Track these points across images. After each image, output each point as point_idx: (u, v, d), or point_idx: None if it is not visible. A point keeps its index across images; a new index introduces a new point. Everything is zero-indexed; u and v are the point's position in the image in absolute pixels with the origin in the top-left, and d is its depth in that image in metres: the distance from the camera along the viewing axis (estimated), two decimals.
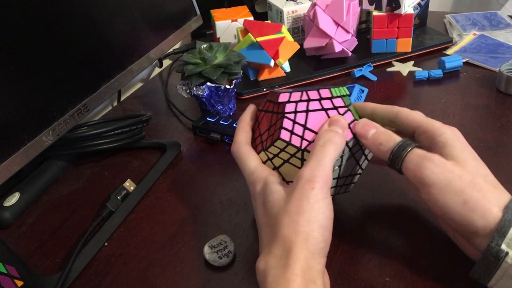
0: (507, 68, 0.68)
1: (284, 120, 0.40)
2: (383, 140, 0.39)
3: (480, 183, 0.36)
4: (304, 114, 0.40)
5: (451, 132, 0.39)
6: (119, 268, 0.45)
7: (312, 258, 0.34)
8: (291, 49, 0.73)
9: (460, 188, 0.35)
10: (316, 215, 0.35)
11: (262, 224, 0.38)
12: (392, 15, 0.75)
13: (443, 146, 0.38)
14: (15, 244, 0.49)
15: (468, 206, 0.35)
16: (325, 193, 0.36)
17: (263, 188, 0.39)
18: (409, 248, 0.44)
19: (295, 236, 0.34)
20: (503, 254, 0.34)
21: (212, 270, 0.44)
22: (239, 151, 0.42)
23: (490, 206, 0.35)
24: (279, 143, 0.40)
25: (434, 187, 0.36)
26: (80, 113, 0.55)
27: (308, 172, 0.36)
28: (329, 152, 0.37)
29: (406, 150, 0.38)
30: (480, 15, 0.94)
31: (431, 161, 0.36)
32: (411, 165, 0.37)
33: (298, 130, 0.40)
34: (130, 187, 0.54)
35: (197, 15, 0.81)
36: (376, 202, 0.49)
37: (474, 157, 0.38)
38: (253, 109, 0.46)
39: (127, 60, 0.65)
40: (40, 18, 0.51)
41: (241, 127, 0.44)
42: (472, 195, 0.35)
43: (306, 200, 0.35)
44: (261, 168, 0.41)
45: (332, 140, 0.38)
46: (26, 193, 0.54)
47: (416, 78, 0.73)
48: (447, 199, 0.36)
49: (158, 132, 0.68)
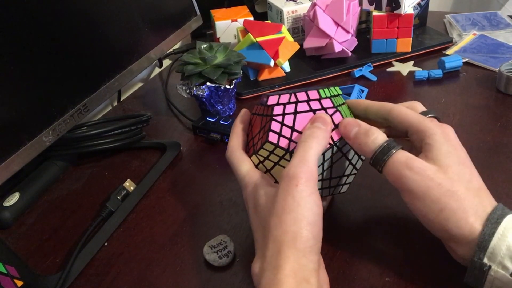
0: (507, 68, 0.68)
1: (272, 123, 0.40)
2: (365, 141, 0.39)
3: (459, 191, 0.36)
4: (292, 116, 0.40)
5: (441, 133, 0.38)
6: (119, 268, 0.45)
7: (303, 256, 0.34)
8: (291, 49, 0.73)
9: (437, 197, 0.36)
10: (303, 213, 0.35)
11: (255, 227, 0.38)
12: (392, 15, 0.75)
13: (429, 149, 0.38)
14: (15, 244, 0.49)
15: (443, 215, 0.36)
16: (310, 189, 0.36)
17: (253, 191, 0.39)
18: (409, 248, 0.44)
19: (284, 236, 0.34)
20: (486, 268, 0.34)
21: (212, 270, 0.44)
22: (232, 157, 0.43)
23: (465, 216, 0.35)
24: (268, 145, 0.40)
25: (413, 193, 0.37)
26: (80, 113, 0.55)
27: (291, 169, 0.36)
28: (311, 147, 0.37)
29: (388, 155, 0.38)
30: (480, 15, 0.94)
31: (411, 169, 0.36)
32: (392, 170, 0.37)
33: (286, 132, 0.40)
34: (130, 187, 0.54)
35: (197, 15, 0.81)
36: (376, 202, 0.49)
37: (460, 161, 0.38)
38: (245, 113, 0.46)
39: (127, 60, 0.65)
40: (40, 18, 0.51)
41: (234, 132, 0.45)
42: (448, 204, 0.35)
43: (291, 198, 0.35)
44: (252, 172, 0.41)
45: (313, 135, 0.38)
46: (26, 193, 0.54)
47: (416, 78, 0.73)
48: (424, 206, 0.36)
49: (158, 132, 0.68)
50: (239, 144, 0.44)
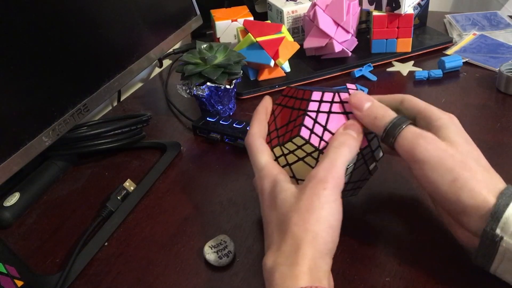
0: (507, 68, 0.68)
1: (305, 118, 0.40)
2: (379, 114, 0.39)
3: (471, 164, 0.36)
4: (325, 115, 0.40)
5: (449, 118, 0.39)
6: (119, 268, 0.45)
7: (319, 257, 0.34)
8: (291, 49, 0.73)
9: (450, 167, 0.36)
10: (326, 216, 0.35)
11: (270, 221, 0.38)
12: (392, 15, 0.75)
13: (438, 129, 0.38)
14: (15, 244, 0.49)
15: (457, 184, 0.36)
16: (336, 194, 0.36)
17: (273, 185, 0.39)
18: (409, 248, 0.44)
19: (304, 234, 0.34)
20: (498, 238, 0.34)
21: (212, 270, 0.44)
22: (252, 144, 0.42)
23: (478, 187, 0.35)
24: (298, 140, 0.39)
25: (426, 163, 0.37)
26: (80, 113, 0.55)
27: (321, 172, 0.37)
28: (343, 154, 0.38)
29: (400, 127, 0.38)
30: (480, 15, 0.94)
31: (425, 139, 0.37)
32: (405, 141, 0.38)
33: (318, 130, 0.40)
34: (130, 187, 0.54)
35: (197, 15, 0.81)
36: (377, 202, 0.49)
37: (467, 140, 0.39)
38: (268, 101, 0.46)
39: (127, 60, 0.65)
40: (40, 18, 0.51)
41: (257, 119, 0.44)
42: (461, 174, 0.36)
43: (317, 200, 0.35)
44: (271, 165, 0.41)
45: (346, 143, 0.38)
46: (26, 193, 0.54)
47: (416, 78, 0.73)
48: (437, 176, 0.36)
49: (158, 132, 0.68)
50: (260, 132, 0.43)
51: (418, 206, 0.48)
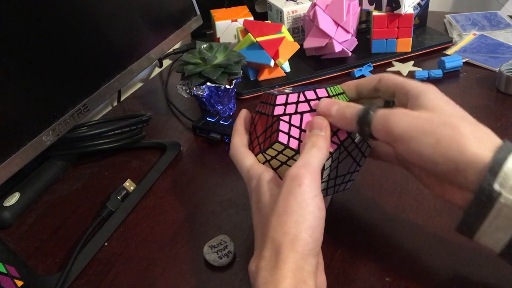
0: (507, 68, 0.68)
1: (280, 123, 0.40)
2: (347, 112, 0.39)
3: (453, 121, 0.34)
4: (299, 116, 0.40)
5: (427, 87, 0.38)
6: (119, 268, 0.45)
7: (301, 259, 0.34)
8: (291, 49, 0.73)
9: (429, 130, 0.34)
10: (304, 215, 0.34)
11: (256, 224, 0.38)
12: (392, 15, 0.75)
13: (416, 98, 0.37)
14: (15, 244, 0.49)
15: (442, 144, 0.34)
16: (314, 190, 0.35)
17: (257, 185, 0.39)
18: (409, 248, 0.44)
19: (283, 237, 0.34)
20: (495, 194, 0.32)
21: (212, 270, 0.44)
22: (236, 153, 0.43)
23: (465, 139, 0.33)
24: (277, 145, 0.40)
25: (404, 136, 0.35)
26: (80, 113, 0.55)
27: (294, 169, 0.36)
28: (314, 154, 0.37)
29: (370, 114, 0.37)
30: (480, 15, 0.94)
31: (395, 114, 0.36)
32: (378, 126, 0.37)
33: (294, 132, 0.40)
34: (130, 187, 0.54)
35: (197, 15, 0.81)
36: (376, 202, 0.49)
37: (449, 102, 0.37)
38: (245, 113, 0.46)
39: (127, 60, 0.65)
40: (40, 18, 0.51)
41: (236, 131, 0.45)
42: (443, 133, 0.34)
43: (293, 199, 0.35)
44: (257, 165, 0.41)
45: (315, 143, 0.38)
46: (26, 193, 0.54)
47: (416, 78, 0.73)
48: (419, 144, 0.35)
49: (158, 132, 0.68)
50: (242, 141, 0.44)
51: (419, 206, 0.48)
